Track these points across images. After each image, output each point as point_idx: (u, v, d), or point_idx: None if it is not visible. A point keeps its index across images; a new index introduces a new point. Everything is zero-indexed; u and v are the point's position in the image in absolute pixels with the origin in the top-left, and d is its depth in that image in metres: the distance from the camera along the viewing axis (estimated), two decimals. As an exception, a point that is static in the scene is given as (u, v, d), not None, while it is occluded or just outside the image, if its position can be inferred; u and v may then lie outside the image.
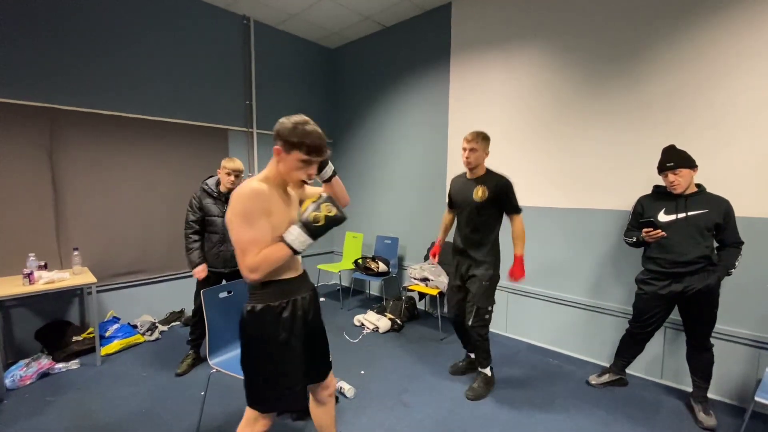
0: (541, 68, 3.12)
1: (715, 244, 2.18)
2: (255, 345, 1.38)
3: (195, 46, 3.68)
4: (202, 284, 2.60)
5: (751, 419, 1.82)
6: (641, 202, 2.39)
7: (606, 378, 2.60)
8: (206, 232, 2.68)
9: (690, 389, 2.36)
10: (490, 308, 2.39)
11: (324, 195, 1.40)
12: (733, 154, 2.34)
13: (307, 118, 1.36)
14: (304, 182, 1.42)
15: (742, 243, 2.11)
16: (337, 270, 4.19)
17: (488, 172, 2.41)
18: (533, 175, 3.22)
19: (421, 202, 4.06)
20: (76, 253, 2.95)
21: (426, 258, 4.03)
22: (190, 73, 3.67)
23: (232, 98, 3.99)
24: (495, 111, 3.43)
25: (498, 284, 2.48)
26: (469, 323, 2.37)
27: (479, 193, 2.34)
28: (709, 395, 2.31)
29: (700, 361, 2.27)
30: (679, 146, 2.23)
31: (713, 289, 2.13)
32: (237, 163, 2.63)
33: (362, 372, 2.76)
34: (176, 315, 3.63)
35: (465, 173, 2.48)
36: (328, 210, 1.34)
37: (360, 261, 4.16)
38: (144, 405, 2.34)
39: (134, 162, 3.37)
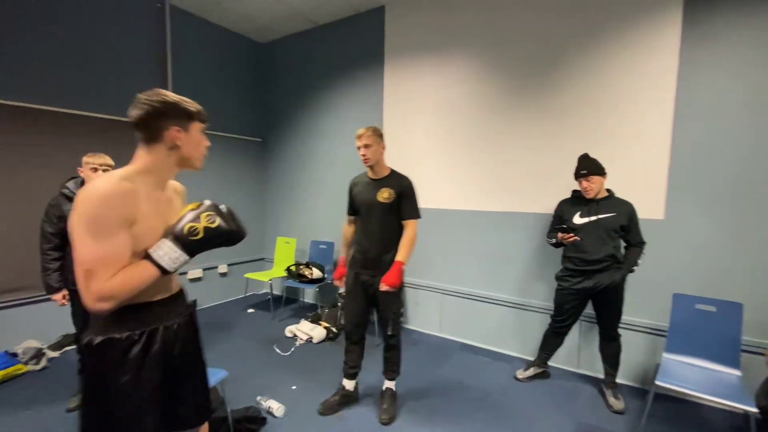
0: (471, 77, 3.24)
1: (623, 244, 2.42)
2: (91, 389, 1.05)
3: (98, 28, 3.21)
4: (76, 306, 2.19)
5: (654, 400, 2.03)
6: (561, 205, 2.58)
7: (531, 372, 2.75)
8: (69, 247, 2.21)
9: (602, 376, 2.59)
10: (402, 310, 2.33)
11: (207, 202, 1.14)
12: (629, 161, 2.63)
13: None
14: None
15: (644, 243, 2.37)
16: (267, 278, 3.94)
17: (393, 172, 2.26)
18: (465, 180, 3.33)
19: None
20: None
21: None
22: (90, 59, 3.19)
23: (143, 89, 3.54)
24: (429, 116, 3.49)
25: (429, 285, 2.48)
26: (389, 332, 2.24)
27: (385, 194, 2.17)
28: (618, 380, 2.55)
29: (610, 350, 2.50)
30: (591, 154, 2.45)
31: (619, 285, 2.36)
32: (105, 158, 2.18)
33: (294, 387, 2.59)
34: (70, 338, 3.09)
35: (365, 173, 2.30)
36: (209, 220, 1.07)
37: (293, 268, 3.95)
38: (21, 452, 1.92)
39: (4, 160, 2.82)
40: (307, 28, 4.22)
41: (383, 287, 2.07)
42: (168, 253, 1.03)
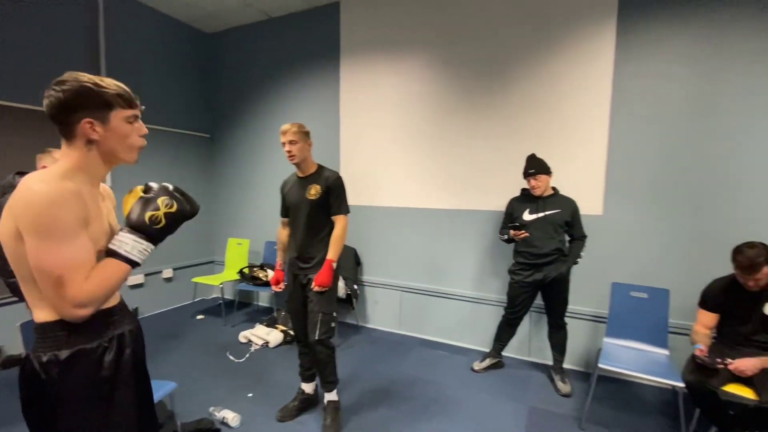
0: (426, 77, 3.30)
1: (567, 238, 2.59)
2: (63, 414, 0.93)
3: (23, 13, 2.84)
4: None
5: (597, 382, 2.20)
6: (511, 203, 2.71)
7: (487, 363, 2.86)
8: None
9: (551, 363, 2.75)
10: (334, 314, 2.16)
11: (154, 185, 1.07)
12: (572, 161, 2.82)
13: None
14: None
15: (586, 237, 2.55)
16: (218, 282, 3.73)
17: (320, 168, 2.18)
18: (422, 179, 3.38)
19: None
20: None
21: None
22: (13, 45, 2.82)
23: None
24: (386, 114, 3.49)
25: (388, 283, 2.48)
26: (316, 337, 2.05)
27: (312, 191, 2.10)
28: (565, 366, 2.73)
29: (558, 338, 2.66)
30: (538, 154, 2.60)
31: (565, 276, 2.52)
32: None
33: (250, 395, 2.48)
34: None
35: (295, 173, 2.24)
36: (167, 206, 1.03)
37: (246, 270, 3.79)
38: None
39: None
40: (259, 19, 4.05)
41: (315, 287, 2.02)
42: (135, 246, 0.98)
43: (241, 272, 3.80)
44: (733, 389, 1.84)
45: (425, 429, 2.16)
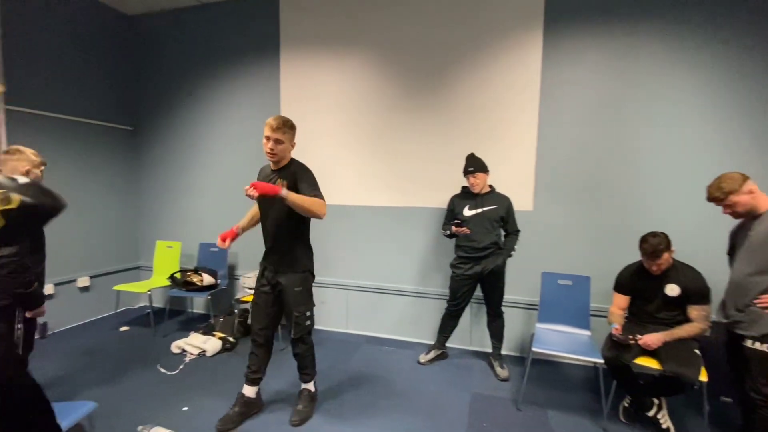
0: (370, 75, 3.31)
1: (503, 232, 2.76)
2: None
3: None
4: None
5: (531, 365, 2.38)
6: (453, 200, 2.83)
7: (432, 354, 2.95)
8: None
9: (490, 350, 2.92)
10: (309, 313, 2.14)
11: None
12: (506, 161, 3.01)
13: None
14: None
15: (519, 231, 2.74)
16: (145, 289, 3.40)
17: (292, 161, 2.11)
18: (366, 176, 3.38)
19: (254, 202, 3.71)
20: None
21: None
22: None
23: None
24: (330, 111, 3.44)
25: (334, 283, 2.45)
26: (291, 336, 2.13)
27: (278, 184, 1.99)
28: (503, 352, 2.91)
29: (496, 326, 2.83)
30: (477, 154, 2.74)
31: (501, 268, 2.69)
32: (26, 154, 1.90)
33: (185, 408, 2.29)
34: None
35: (270, 164, 2.15)
36: (2, 203, 0.98)
37: (178, 275, 3.50)
38: None
39: None
40: (190, 4, 3.76)
41: (248, 188, 1.81)
42: None
43: (172, 277, 3.50)
44: (643, 362, 2.10)
45: (374, 425, 2.17)
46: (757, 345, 1.73)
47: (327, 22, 3.39)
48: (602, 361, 2.16)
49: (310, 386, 2.29)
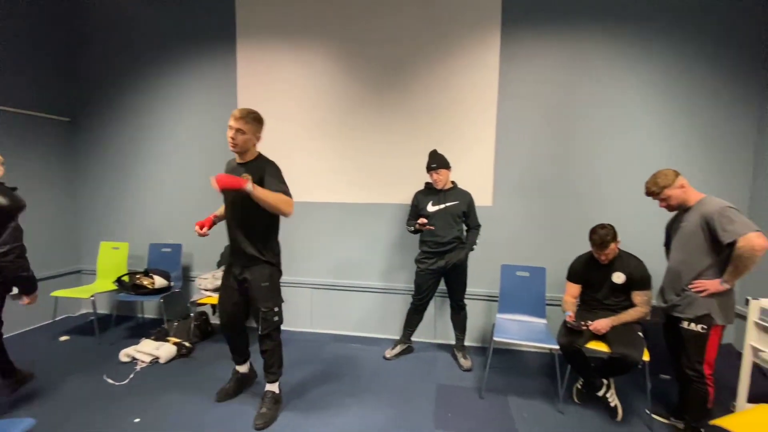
0: (332, 69, 3.25)
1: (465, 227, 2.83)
2: None
3: None
4: None
5: (493, 354, 2.47)
6: (416, 196, 2.86)
7: (398, 349, 2.97)
8: None
9: (454, 342, 2.99)
10: (277, 308, 2.13)
11: None
12: (467, 158, 3.09)
13: None
14: None
15: (480, 226, 2.82)
16: (88, 295, 3.13)
17: (259, 156, 2.11)
18: (330, 173, 3.33)
19: (209, 200, 3.52)
20: None
21: (219, 264, 3.56)
22: None
23: None
24: (291, 105, 3.35)
25: (298, 281, 2.40)
26: (260, 332, 2.11)
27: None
28: (466, 343, 3.00)
29: (459, 319, 2.91)
30: (439, 151, 2.78)
31: (464, 262, 2.76)
32: None
33: (137, 420, 2.14)
34: None
35: (236, 157, 2.13)
36: None
37: (126, 278, 3.26)
38: None
39: None
40: (133, -13, 3.49)
41: (212, 179, 1.77)
42: None
43: (119, 281, 3.25)
44: (594, 346, 2.25)
45: (341, 423, 2.15)
46: (692, 326, 1.91)
47: (287, 10, 3.29)
48: (558, 347, 2.28)
49: (275, 388, 2.25)
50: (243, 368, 2.41)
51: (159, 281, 3.24)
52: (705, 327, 1.88)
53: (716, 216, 1.82)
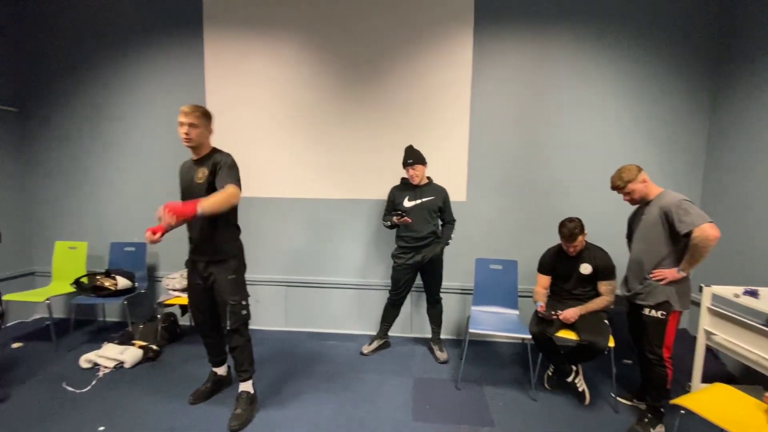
0: (305, 61, 3.18)
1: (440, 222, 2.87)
2: None
3: None
4: None
5: (468, 346, 2.52)
6: (393, 191, 2.86)
7: (375, 345, 2.98)
8: None
9: (430, 335, 3.03)
10: (244, 302, 2.11)
11: None
12: (441, 153, 3.13)
13: None
14: None
15: (455, 220, 2.86)
16: (42, 298, 2.92)
17: (213, 150, 2.08)
18: (304, 168, 3.27)
19: (175, 195, 3.38)
20: None
21: (188, 263, 3.40)
22: None
23: None
24: (262, 97, 3.25)
25: (271, 279, 2.36)
26: (228, 327, 2.07)
27: (200, 174, 2.01)
28: (442, 336, 3.04)
29: (435, 312, 2.95)
30: (415, 146, 2.79)
31: (439, 256, 2.80)
32: None
33: (101, 428, 2.03)
34: None
35: (191, 157, 2.11)
36: None
37: (85, 280, 3.07)
38: None
39: None
40: (88, -31, 3.27)
41: (160, 210, 1.70)
42: None
43: (77, 283, 3.06)
44: (564, 334, 2.34)
45: (318, 419, 2.13)
46: (653, 312, 2.02)
47: (256, 1, 3.18)
48: (530, 336, 2.36)
49: (249, 387, 2.20)
50: (221, 370, 2.37)
51: (122, 282, 3.07)
52: (665, 313, 2.00)
53: (674, 208, 1.94)
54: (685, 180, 2.93)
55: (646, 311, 2.05)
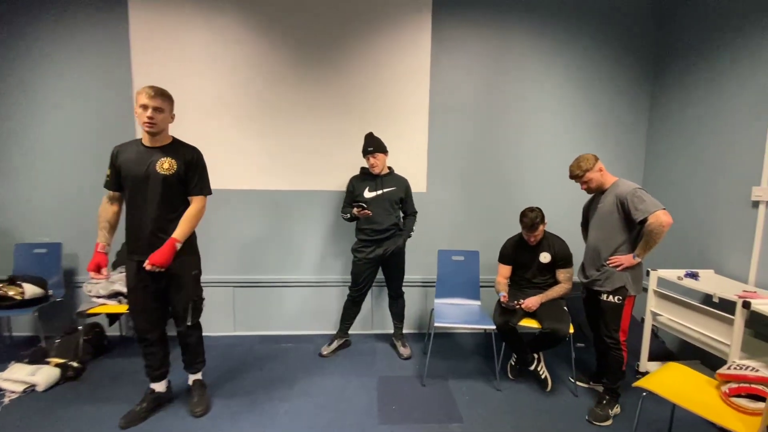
0: (250, 39, 2.88)
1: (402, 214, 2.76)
2: None
3: None
4: None
5: (434, 339, 2.45)
6: (352, 181, 2.70)
7: (335, 345, 2.82)
8: None
9: (392, 331, 2.93)
10: (203, 296, 2.11)
11: None
12: (401, 143, 3.02)
13: None
14: None
15: (416, 212, 2.78)
16: None
17: (175, 140, 1.96)
18: (253, 157, 2.99)
19: (97, 187, 2.91)
20: None
21: (115, 266, 2.98)
22: None
23: None
24: (200, 79, 2.89)
25: (216, 280, 2.12)
26: (189, 323, 2.02)
27: (166, 164, 1.86)
28: (404, 331, 2.95)
29: (397, 307, 2.85)
30: (375, 134, 2.65)
31: (401, 249, 2.70)
32: None
33: (7, 469, 1.67)
34: None
35: (135, 141, 1.94)
36: None
37: (-19, 289, 2.55)
38: None
39: None
40: None
41: (147, 265, 1.78)
42: None
43: (-30, 293, 2.53)
44: (526, 323, 2.36)
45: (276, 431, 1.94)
46: (610, 298, 2.08)
47: (194, -32, 2.81)
48: (493, 327, 2.35)
49: (200, 376, 2.19)
50: (160, 386, 2.11)
51: (30, 290, 2.60)
52: (621, 298, 2.07)
53: (629, 197, 2.00)
54: (627, 169, 3.11)
55: (604, 297, 2.11)
